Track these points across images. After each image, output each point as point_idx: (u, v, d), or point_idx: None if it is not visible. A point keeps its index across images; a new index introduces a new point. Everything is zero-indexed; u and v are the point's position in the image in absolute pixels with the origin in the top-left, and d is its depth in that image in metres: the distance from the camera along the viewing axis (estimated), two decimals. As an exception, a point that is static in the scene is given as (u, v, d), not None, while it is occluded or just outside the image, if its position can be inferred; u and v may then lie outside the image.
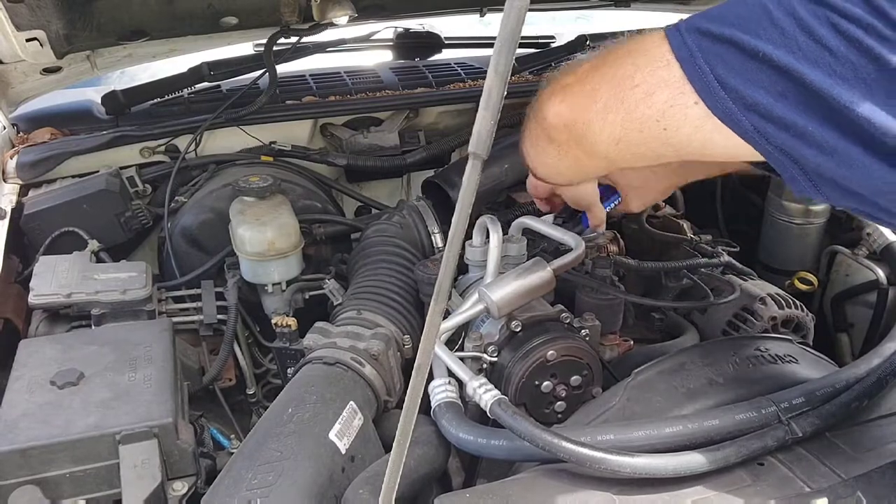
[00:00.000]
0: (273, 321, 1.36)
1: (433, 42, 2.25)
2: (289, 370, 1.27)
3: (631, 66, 0.77)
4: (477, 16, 2.04)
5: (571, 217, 1.36)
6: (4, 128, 1.70)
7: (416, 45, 2.24)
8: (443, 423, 1.01)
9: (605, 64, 0.83)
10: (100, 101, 1.83)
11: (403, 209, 1.57)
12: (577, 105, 0.85)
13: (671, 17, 2.36)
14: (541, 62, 2.08)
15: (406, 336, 1.31)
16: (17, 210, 1.54)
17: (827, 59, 0.64)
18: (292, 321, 1.33)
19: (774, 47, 0.66)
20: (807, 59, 0.64)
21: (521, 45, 2.20)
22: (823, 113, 0.65)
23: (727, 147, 0.73)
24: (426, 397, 1.06)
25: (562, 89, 0.88)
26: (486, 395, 0.96)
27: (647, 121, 0.77)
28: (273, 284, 1.47)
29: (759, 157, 0.72)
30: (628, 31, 0.95)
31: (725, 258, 1.55)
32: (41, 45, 1.50)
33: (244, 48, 1.98)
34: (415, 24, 2.22)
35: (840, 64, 0.63)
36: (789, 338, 1.22)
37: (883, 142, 0.63)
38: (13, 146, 1.68)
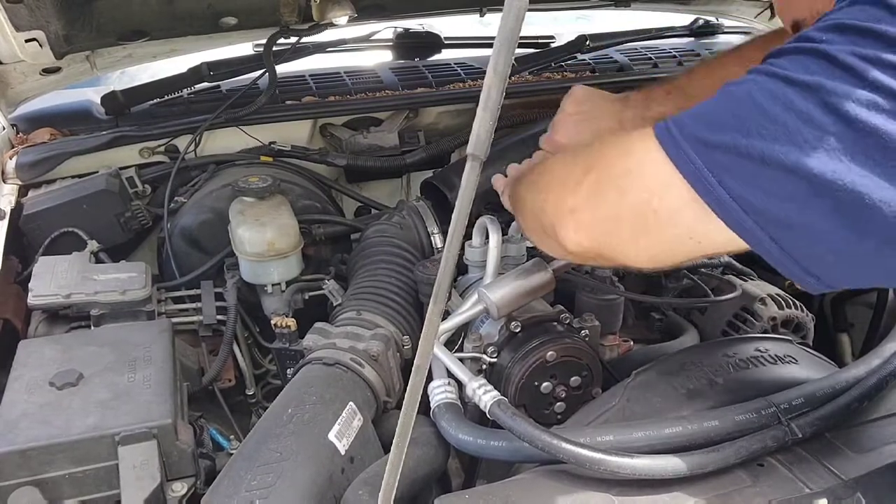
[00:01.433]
0: (273, 322, 1.36)
1: (433, 42, 2.25)
2: (288, 371, 1.27)
3: (641, 190, 0.75)
4: (477, 16, 2.04)
5: None
6: (4, 128, 1.70)
7: (415, 45, 2.24)
8: (442, 424, 1.01)
9: (606, 186, 0.79)
10: (99, 101, 1.83)
11: (403, 209, 1.57)
12: (599, 234, 0.82)
13: (671, 17, 2.37)
14: (540, 62, 2.08)
15: (405, 337, 1.31)
16: (17, 210, 1.53)
17: (833, 146, 0.61)
18: (292, 322, 1.33)
19: (780, 145, 0.63)
20: (813, 150, 0.62)
21: (521, 45, 2.19)
22: (834, 205, 0.62)
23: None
24: (425, 398, 1.06)
25: (571, 215, 0.83)
26: (485, 395, 0.96)
27: (680, 238, 0.75)
28: (273, 285, 1.47)
29: None
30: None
31: (725, 258, 1.55)
32: (40, 45, 1.50)
33: (244, 48, 1.98)
34: (415, 24, 2.22)
35: (849, 148, 0.61)
36: (789, 338, 1.22)
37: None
38: (13, 146, 1.68)
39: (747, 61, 0.84)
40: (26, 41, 1.47)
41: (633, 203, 0.76)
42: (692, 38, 2.39)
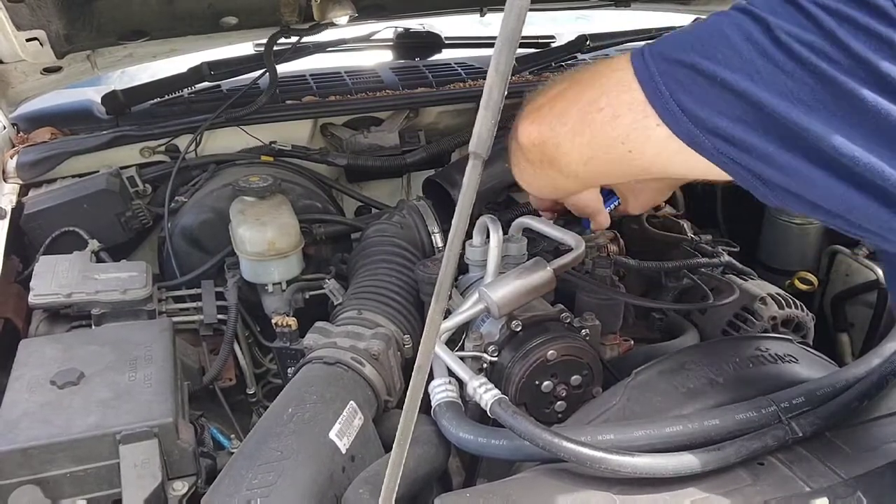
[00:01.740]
0: (273, 321, 1.36)
1: (433, 42, 2.25)
2: (289, 370, 1.27)
3: (597, 90, 0.80)
4: (477, 16, 2.05)
5: (571, 216, 1.35)
6: (4, 128, 1.70)
7: (416, 45, 2.24)
8: (443, 423, 1.01)
9: (573, 86, 0.85)
10: (100, 101, 1.83)
11: (403, 209, 1.57)
12: (546, 127, 0.88)
13: (671, 18, 2.37)
14: (541, 62, 2.08)
15: (406, 336, 1.31)
16: (17, 210, 1.53)
17: (784, 83, 0.65)
18: (292, 321, 1.33)
19: (732, 71, 0.67)
20: (764, 83, 0.65)
21: (522, 45, 2.19)
22: (781, 135, 0.66)
23: (691, 167, 0.75)
24: (426, 397, 1.06)
25: (534, 111, 0.90)
26: (486, 394, 0.96)
27: (612, 143, 0.79)
28: (273, 284, 1.47)
29: (725, 176, 0.73)
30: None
31: (725, 258, 1.55)
32: (41, 44, 1.50)
33: (244, 48, 1.98)
34: (415, 24, 2.22)
35: (798, 87, 0.64)
36: (789, 338, 1.22)
37: (841, 163, 0.64)
38: (13, 146, 1.68)
39: None
40: (27, 40, 1.47)
41: (587, 99, 0.81)
42: (692, 38, 2.39)
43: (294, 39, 1.85)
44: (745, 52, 0.67)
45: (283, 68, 1.86)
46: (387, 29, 2.17)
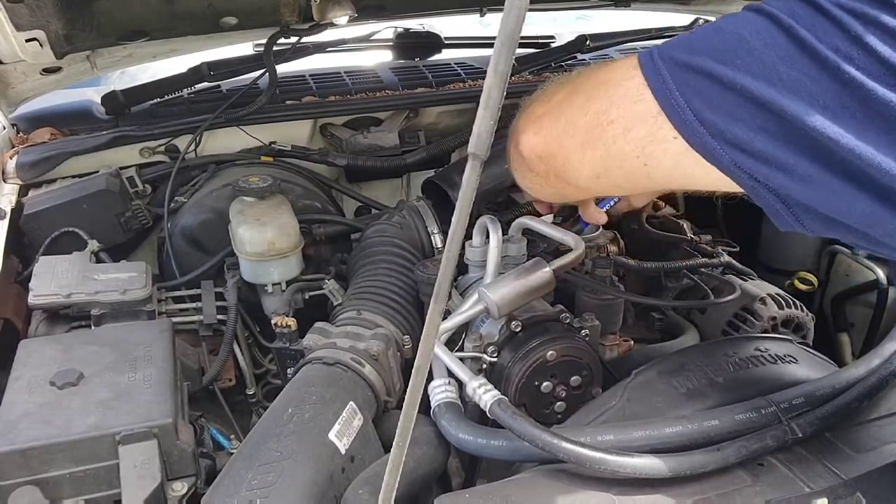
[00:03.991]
0: (273, 321, 1.36)
1: (433, 42, 2.25)
2: (289, 370, 1.27)
3: (605, 100, 0.75)
4: (477, 16, 2.04)
5: (570, 216, 1.36)
6: (4, 128, 1.70)
7: (416, 45, 2.24)
8: (442, 424, 1.01)
9: (577, 94, 0.80)
10: (100, 101, 1.83)
11: (403, 209, 1.57)
12: (552, 139, 0.83)
13: (671, 17, 2.37)
14: (541, 62, 2.08)
15: (406, 336, 1.31)
16: (17, 210, 1.53)
17: (809, 89, 0.61)
18: (292, 321, 1.33)
19: (753, 78, 0.64)
20: (787, 90, 0.62)
21: (521, 45, 2.20)
22: (804, 144, 0.63)
23: (709, 180, 0.71)
24: (426, 397, 1.06)
25: (536, 120, 0.85)
26: (485, 395, 0.96)
27: (627, 157, 0.75)
28: (273, 284, 1.47)
29: (741, 189, 0.70)
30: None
31: (725, 258, 1.55)
32: (41, 45, 1.50)
33: (244, 48, 1.98)
34: (415, 24, 2.22)
35: (823, 93, 0.61)
36: (789, 338, 1.22)
37: (867, 174, 0.61)
38: (13, 146, 1.68)
39: None
40: (27, 41, 1.47)
41: (594, 111, 0.76)
42: (692, 39, 2.39)
43: (294, 39, 1.85)
44: (767, 57, 0.63)
45: (282, 68, 1.86)
46: (387, 29, 2.17)
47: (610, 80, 0.76)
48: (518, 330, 1.14)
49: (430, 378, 1.06)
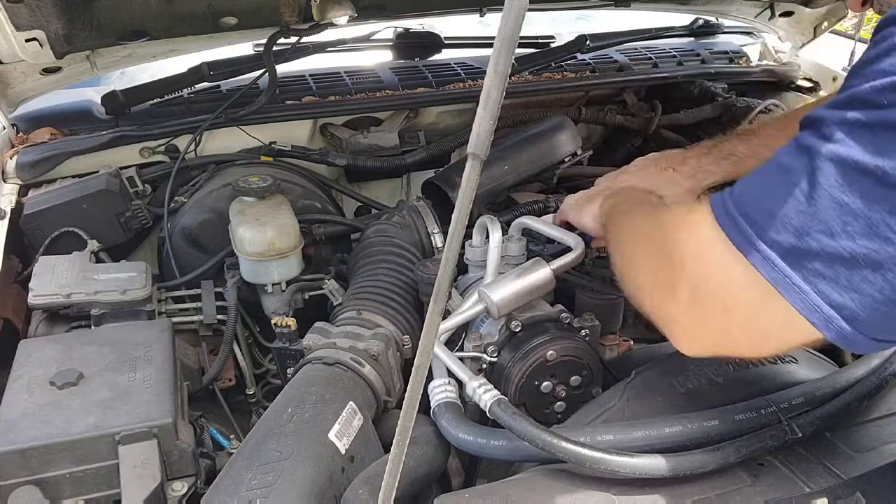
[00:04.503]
0: (273, 321, 1.36)
1: (433, 42, 2.25)
2: (288, 370, 1.27)
3: (747, 310, 0.71)
4: (477, 16, 2.04)
5: None
6: (4, 128, 1.70)
7: (416, 45, 2.24)
8: (442, 424, 1.01)
9: (707, 297, 0.74)
10: (100, 101, 1.83)
11: (403, 209, 1.57)
12: (713, 346, 0.78)
13: (671, 17, 2.37)
14: (540, 62, 2.08)
15: (406, 336, 1.31)
16: (17, 210, 1.53)
17: None
18: (292, 321, 1.33)
19: (868, 240, 0.59)
20: None
21: (521, 45, 2.19)
22: None
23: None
24: (426, 397, 1.06)
25: (678, 327, 0.79)
26: (485, 395, 0.96)
27: (790, 343, 0.74)
28: (273, 284, 1.47)
29: None
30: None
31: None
32: (41, 45, 1.50)
33: (244, 48, 1.98)
34: (415, 24, 2.22)
35: None
36: (789, 338, 1.22)
37: None
38: (13, 146, 1.68)
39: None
40: (26, 41, 1.47)
41: (741, 320, 0.72)
42: (692, 38, 2.40)
43: (294, 39, 1.85)
44: (875, 217, 0.58)
45: (282, 68, 1.85)
46: (387, 29, 2.17)
47: (733, 289, 0.71)
48: (518, 330, 1.14)
49: (429, 378, 1.06)
